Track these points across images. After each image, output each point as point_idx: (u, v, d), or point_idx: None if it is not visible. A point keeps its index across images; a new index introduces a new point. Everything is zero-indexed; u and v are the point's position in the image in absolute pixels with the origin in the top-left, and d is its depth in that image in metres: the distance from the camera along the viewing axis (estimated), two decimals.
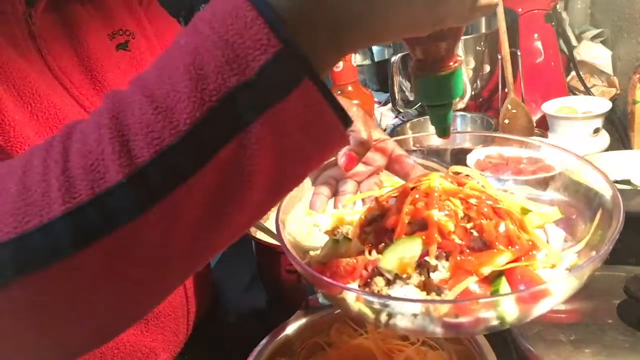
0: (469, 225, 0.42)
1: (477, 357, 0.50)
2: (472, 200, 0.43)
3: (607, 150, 1.01)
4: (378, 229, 0.44)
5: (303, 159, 0.32)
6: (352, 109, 0.55)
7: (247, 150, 0.29)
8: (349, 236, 0.47)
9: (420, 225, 0.42)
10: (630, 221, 0.79)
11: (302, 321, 0.57)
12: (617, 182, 0.85)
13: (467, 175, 0.50)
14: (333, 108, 0.30)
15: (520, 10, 1.17)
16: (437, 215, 0.41)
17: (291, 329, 0.57)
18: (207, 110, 0.28)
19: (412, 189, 0.45)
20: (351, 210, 0.54)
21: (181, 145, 0.28)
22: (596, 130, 1.03)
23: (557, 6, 1.24)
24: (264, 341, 0.55)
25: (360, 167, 0.55)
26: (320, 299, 0.59)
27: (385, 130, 1.17)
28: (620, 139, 1.09)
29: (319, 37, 0.29)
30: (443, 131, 0.45)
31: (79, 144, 0.30)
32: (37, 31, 0.56)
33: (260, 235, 0.74)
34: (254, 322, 0.78)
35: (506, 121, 1.10)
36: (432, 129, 1.16)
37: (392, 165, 0.58)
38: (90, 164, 0.29)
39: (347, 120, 0.31)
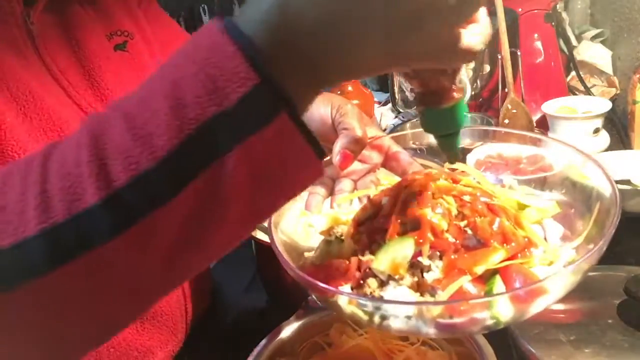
0: (462, 224, 0.41)
1: (477, 357, 0.50)
2: (466, 198, 0.43)
3: (607, 150, 1.01)
4: (371, 228, 0.44)
5: (278, 189, 0.33)
6: (347, 105, 0.55)
7: (222, 178, 0.30)
8: (343, 237, 0.46)
9: (413, 225, 0.41)
10: (630, 221, 0.79)
11: (302, 321, 0.57)
12: (617, 182, 0.85)
13: (463, 172, 0.50)
14: (308, 141, 0.31)
15: (520, 10, 1.17)
16: (429, 214, 0.41)
17: (291, 329, 0.57)
18: (185, 138, 0.29)
19: (405, 187, 0.45)
20: (347, 209, 0.53)
21: (158, 171, 0.29)
22: (596, 130, 1.02)
23: (557, 6, 1.24)
24: (264, 341, 0.55)
25: (356, 165, 0.55)
26: None
27: (385, 130, 1.17)
28: (620, 139, 1.09)
29: (298, 72, 0.30)
30: (453, 157, 0.45)
31: (58, 165, 0.31)
32: (35, 31, 0.56)
33: (260, 235, 0.74)
34: (254, 322, 0.78)
35: (506, 121, 1.10)
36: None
37: (389, 163, 0.58)
38: (68, 185, 0.30)
39: (320, 153, 0.32)
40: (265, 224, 0.76)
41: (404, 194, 0.44)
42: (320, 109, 0.56)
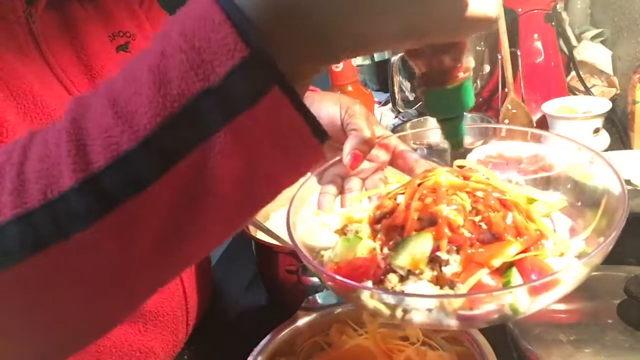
0: (477, 219, 0.42)
1: (477, 357, 0.50)
2: (479, 193, 0.44)
3: (607, 150, 1.01)
4: (388, 226, 0.45)
5: (273, 172, 0.31)
6: (355, 106, 0.55)
7: (211, 160, 0.28)
8: (360, 234, 0.47)
9: (429, 221, 0.42)
10: (630, 221, 0.79)
11: (302, 321, 0.57)
12: None
13: (471, 169, 0.50)
14: (306, 120, 0.28)
15: (520, 10, 1.17)
16: (445, 210, 0.42)
17: (291, 329, 0.57)
18: (169, 116, 0.27)
19: (419, 184, 0.45)
20: (357, 208, 0.54)
21: (139, 152, 0.27)
22: (596, 130, 1.02)
23: (557, 6, 1.24)
24: (264, 341, 0.55)
25: (364, 164, 0.55)
26: (320, 299, 0.59)
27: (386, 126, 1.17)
28: (620, 139, 1.09)
29: (297, 43, 0.28)
30: (456, 144, 0.44)
31: (39, 146, 0.30)
32: (37, 30, 0.56)
33: (260, 235, 0.74)
34: (254, 322, 0.78)
35: (506, 121, 1.10)
36: (432, 126, 1.17)
37: (396, 161, 0.58)
38: (46, 168, 0.28)
39: (320, 133, 0.29)
40: (266, 224, 0.76)
41: (419, 192, 0.44)
42: (329, 109, 0.55)
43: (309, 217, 0.59)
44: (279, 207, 0.85)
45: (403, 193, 0.46)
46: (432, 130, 1.20)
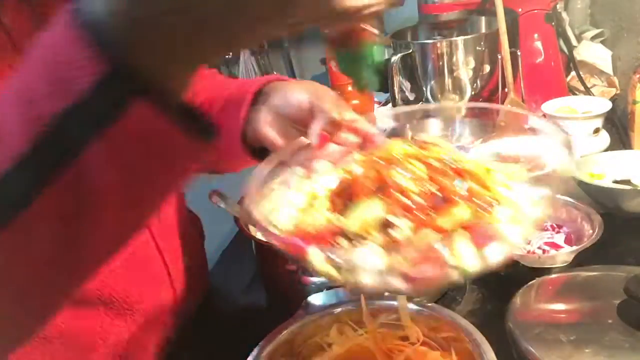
0: (433, 188, 0.42)
1: (477, 357, 0.50)
2: (435, 163, 0.44)
3: (607, 150, 1.01)
4: (345, 197, 0.45)
5: (154, 177, 0.32)
6: (325, 91, 0.57)
7: (88, 175, 0.29)
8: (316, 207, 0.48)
9: (383, 190, 0.43)
10: (630, 221, 0.80)
11: (302, 321, 0.57)
12: (617, 182, 0.85)
13: (431, 142, 0.51)
14: (179, 122, 0.29)
15: (520, 10, 1.17)
16: (396, 175, 0.42)
17: (291, 329, 0.57)
18: (38, 136, 0.28)
19: (378, 157, 0.46)
20: (323, 184, 0.54)
21: (16, 172, 0.29)
22: (596, 130, 1.02)
23: (557, 6, 1.24)
24: (263, 341, 0.55)
25: (334, 148, 0.56)
26: (320, 299, 0.59)
27: (385, 130, 1.17)
28: (620, 139, 1.09)
29: (160, 50, 0.28)
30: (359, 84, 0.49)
31: None
32: (9, 24, 0.56)
33: (260, 235, 0.74)
34: (254, 322, 0.78)
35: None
36: (432, 128, 1.17)
37: (365, 145, 0.59)
38: None
39: (204, 129, 0.30)
40: (265, 223, 0.76)
41: (375, 162, 0.45)
42: (299, 96, 0.58)
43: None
44: (279, 207, 0.84)
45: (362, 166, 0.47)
46: (432, 130, 1.20)
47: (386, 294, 0.58)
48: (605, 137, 1.05)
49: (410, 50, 1.17)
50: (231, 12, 0.27)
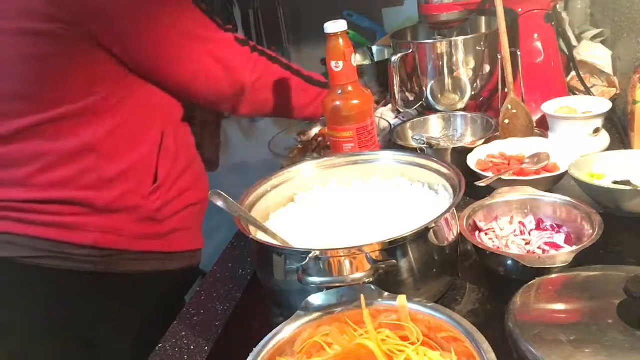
0: None
1: (477, 357, 0.50)
2: None
3: (607, 150, 1.01)
4: None
5: None
6: None
7: None
8: None
9: None
10: (630, 221, 0.80)
11: (302, 321, 0.57)
12: (617, 182, 0.85)
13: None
14: None
15: (520, 10, 1.17)
16: None
17: (291, 329, 0.56)
18: None
19: None
20: None
21: None
22: (596, 130, 1.03)
23: (557, 6, 1.24)
24: (263, 341, 0.55)
25: None
26: (320, 299, 0.58)
27: (384, 130, 1.17)
28: (620, 139, 1.09)
29: None
30: None
31: None
32: None
33: (260, 235, 0.74)
34: (254, 322, 0.78)
35: (506, 121, 1.10)
36: (433, 128, 1.16)
37: None
38: None
39: None
40: (266, 224, 0.76)
41: None
42: None
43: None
44: (279, 207, 0.85)
45: None
46: (433, 130, 1.20)
47: (386, 294, 0.58)
48: (605, 137, 1.05)
49: (410, 50, 1.17)
50: None
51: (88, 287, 0.98)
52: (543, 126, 1.12)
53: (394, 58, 1.14)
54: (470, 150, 1.02)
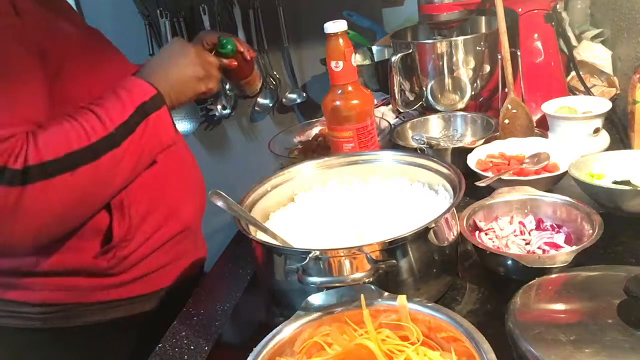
0: None
1: (477, 357, 0.50)
2: None
3: (607, 150, 1.01)
4: None
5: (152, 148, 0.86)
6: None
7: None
8: None
9: None
10: (630, 221, 0.80)
11: (302, 321, 0.57)
12: (617, 182, 0.85)
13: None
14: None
15: (520, 10, 1.17)
16: None
17: (291, 329, 0.57)
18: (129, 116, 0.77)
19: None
20: None
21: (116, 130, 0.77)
22: (596, 130, 1.03)
23: (557, 6, 1.24)
24: (264, 341, 0.55)
25: None
26: (320, 299, 0.58)
27: (384, 130, 1.17)
28: (620, 139, 1.09)
29: (170, 103, 0.87)
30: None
31: None
32: None
33: (260, 235, 0.74)
34: (254, 322, 0.78)
35: (506, 121, 1.10)
36: (433, 128, 1.16)
37: None
38: None
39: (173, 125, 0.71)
40: (266, 224, 0.76)
41: None
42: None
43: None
44: (279, 207, 0.85)
45: None
46: (433, 130, 1.20)
47: (386, 294, 0.58)
48: (605, 137, 1.05)
49: (410, 50, 1.17)
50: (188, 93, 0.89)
51: (41, 344, 0.90)
52: (543, 126, 1.12)
53: (394, 58, 1.14)
54: (470, 150, 1.02)
